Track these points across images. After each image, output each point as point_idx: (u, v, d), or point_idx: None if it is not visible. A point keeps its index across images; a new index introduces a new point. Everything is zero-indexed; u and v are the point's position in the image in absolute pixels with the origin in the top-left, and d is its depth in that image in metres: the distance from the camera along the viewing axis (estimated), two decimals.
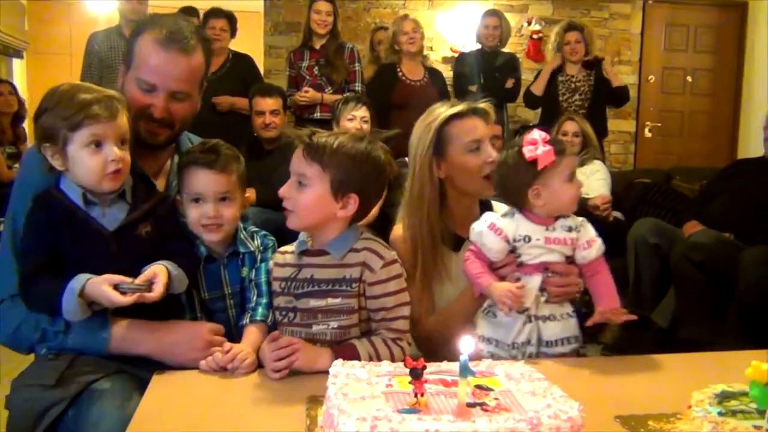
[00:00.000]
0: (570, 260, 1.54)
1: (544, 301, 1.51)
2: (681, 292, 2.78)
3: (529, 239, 1.50)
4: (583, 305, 1.66)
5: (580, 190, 1.55)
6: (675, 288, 2.82)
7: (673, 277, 2.83)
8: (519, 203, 1.53)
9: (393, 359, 1.32)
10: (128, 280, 1.29)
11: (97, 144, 1.35)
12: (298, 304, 1.41)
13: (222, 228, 1.50)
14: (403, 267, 1.45)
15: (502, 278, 1.51)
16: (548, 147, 1.46)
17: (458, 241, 1.74)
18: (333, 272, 1.39)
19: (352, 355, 1.29)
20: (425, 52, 4.50)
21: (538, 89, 4.49)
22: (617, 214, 3.71)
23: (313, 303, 1.39)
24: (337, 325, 1.38)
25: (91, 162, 1.35)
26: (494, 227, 1.50)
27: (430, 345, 1.61)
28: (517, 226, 1.51)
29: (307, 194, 1.38)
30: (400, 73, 4.26)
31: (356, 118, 3.29)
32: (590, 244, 1.52)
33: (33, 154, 1.46)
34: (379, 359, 1.31)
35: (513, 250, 1.51)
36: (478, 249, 1.53)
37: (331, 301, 1.38)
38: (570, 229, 1.51)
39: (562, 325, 1.52)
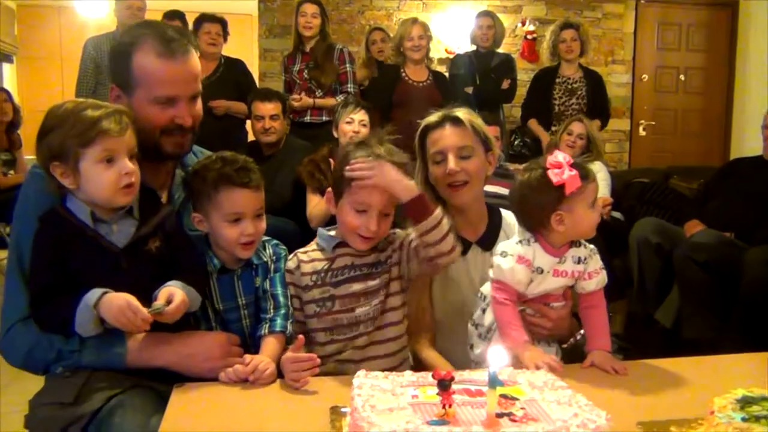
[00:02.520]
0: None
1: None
2: (685, 292, 2.79)
3: (542, 271, 1.47)
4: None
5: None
6: (679, 288, 2.83)
7: (676, 278, 2.84)
8: (538, 227, 1.47)
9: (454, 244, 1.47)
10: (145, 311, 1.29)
11: (110, 159, 1.34)
12: (337, 292, 1.50)
13: (256, 243, 1.51)
14: None
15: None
16: (574, 171, 1.41)
17: (464, 244, 1.74)
18: (371, 257, 1.53)
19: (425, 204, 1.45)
20: (430, 55, 4.48)
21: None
22: (616, 214, 3.73)
23: (357, 286, 1.50)
24: (377, 301, 1.51)
25: (105, 177, 1.33)
26: (523, 259, 1.45)
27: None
28: (534, 255, 1.46)
29: (390, 220, 1.54)
30: (403, 74, 4.26)
31: (354, 121, 3.30)
32: (591, 276, 1.49)
33: (34, 175, 1.44)
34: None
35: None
36: (506, 285, 1.46)
37: (371, 282, 1.51)
38: (579, 261, 1.48)
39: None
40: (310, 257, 1.55)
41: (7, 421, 2.47)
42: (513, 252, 1.46)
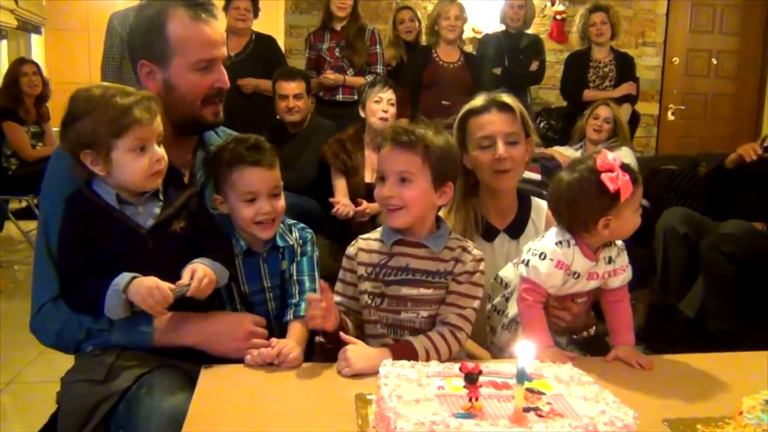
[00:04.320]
0: None
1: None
2: (710, 283, 2.75)
3: (578, 276, 1.43)
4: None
5: None
6: (704, 279, 2.79)
7: (702, 268, 2.80)
8: (580, 230, 1.42)
9: (450, 354, 1.37)
10: (172, 286, 1.31)
11: (141, 147, 1.35)
12: (387, 291, 1.44)
13: (275, 222, 1.52)
14: None
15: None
16: (627, 176, 1.35)
17: (492, 231, 1.76)
18: (429, 264, 1.43)
19: (409, 353, 1.32)
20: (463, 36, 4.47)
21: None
22: (643, 201, 3.68)
23: (405, 291, 1.43)
24: (427, 314, 1.43)
25: (138, 164, 1.34)
26: (562, 264, 1.41)
27: None
28: (573, 259, 1.42)
29: (413, 188, 1.40)
30: (434, 55, 4.24)
31: (383, 100, 3.29)
32: (617, 272, 1.47)
33: (61, 156, 1.44)
34: (438, 354, 1.35)
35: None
36: (537, 287, 1.43)
37: (423, 291, 1.42)
38: (610, 261, 1.45)
39: None
40: (370, 246, 1.48)
41: (39, 389, 2.55)
42: (553, 256, 1.41)
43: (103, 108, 1.32)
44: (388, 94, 3.29)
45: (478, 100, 1.75)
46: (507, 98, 1.73)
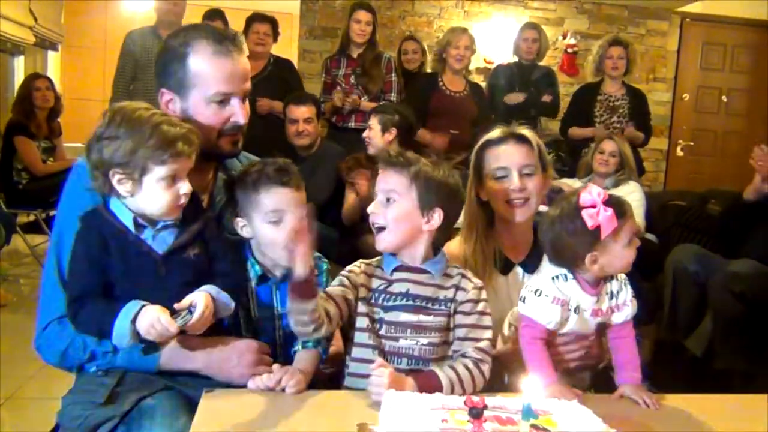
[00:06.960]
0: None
1: None
2: (718, 321, 2.71)
3: (579, 310, 1.40)
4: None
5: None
6: (712, 317, 2.76)
7: (710, 307, 2.77)
8: (570, 266, 1.40)
9: (474, 385, 1.34)
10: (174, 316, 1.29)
11: (173, 178, 1.34)
12: (386, 316, 1.41)
13: None
14: None
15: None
16: (609, 211, 1.32)
17: (507, 264, 1.74)
18: (430, 290, 1.42)
19: (433, 384, 1.30)
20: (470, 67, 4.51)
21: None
22: (650, 236, 3.67)
23: (405, 317, 1.40)
24: (427, 342, 1.40)
25: (165, 195, 1.34)
26: (559, 300, 1.38)
27: None
28: (571, 294, 1.39)
29: (396, 207, 1.41)
30: (440, 83, 4.27)
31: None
32: (621, 307, 1.43)
33: (76, 176, 1.44)
34: (462, 386, 1.32)
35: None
36: (536, 324, 1.39)
37: (423, 317, 1.40)
38: (612, 296, 1.43)
39: None
40: (372, 271, 1.46)
41: (39, 406, 2.56)
42: (548, 292, 1.39)
43: (149, 133, 1.31)
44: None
45: (496, 132, 1.73)
46: (525, 131, 1.73)
